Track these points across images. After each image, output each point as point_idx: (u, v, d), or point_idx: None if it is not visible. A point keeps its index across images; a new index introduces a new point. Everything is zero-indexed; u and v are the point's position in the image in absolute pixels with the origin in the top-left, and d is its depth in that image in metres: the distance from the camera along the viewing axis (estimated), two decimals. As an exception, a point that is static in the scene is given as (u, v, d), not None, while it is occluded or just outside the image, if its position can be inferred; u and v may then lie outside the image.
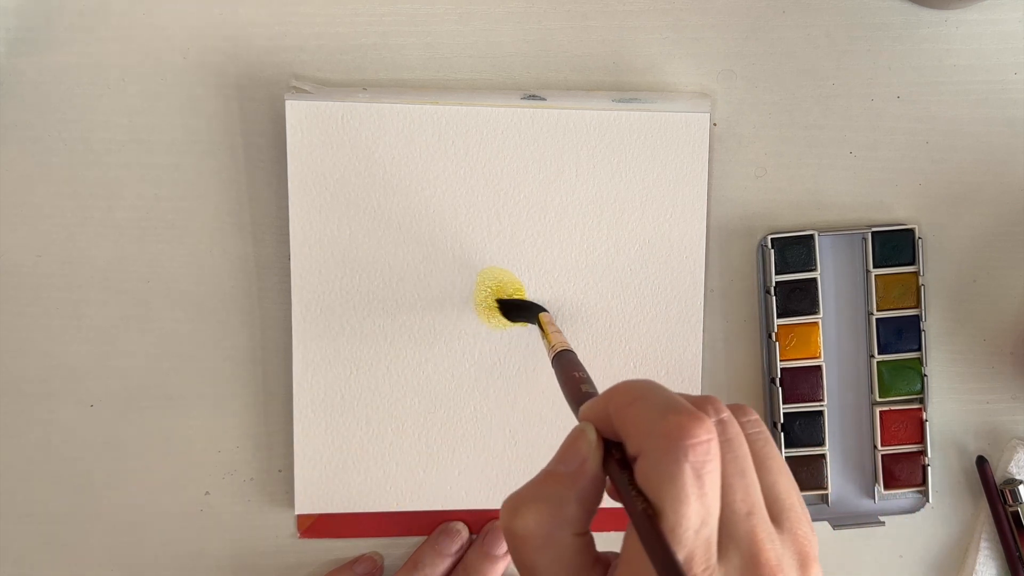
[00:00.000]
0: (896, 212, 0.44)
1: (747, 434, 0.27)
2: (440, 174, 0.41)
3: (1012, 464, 0.44)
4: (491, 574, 0.43)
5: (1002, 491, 0.44)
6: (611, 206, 0.42)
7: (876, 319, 0.43)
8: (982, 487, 0.45)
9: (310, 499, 0.42)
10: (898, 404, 0.44)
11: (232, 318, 0.42)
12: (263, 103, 0.41)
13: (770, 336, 0.43)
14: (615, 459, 0.26)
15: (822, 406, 0.43)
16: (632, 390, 0.26)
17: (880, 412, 0.44)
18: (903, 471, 0.44)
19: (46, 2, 0.40)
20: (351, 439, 0.42)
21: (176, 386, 0.43)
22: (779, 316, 0.43)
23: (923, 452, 0.44)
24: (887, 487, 0.44)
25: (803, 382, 0.43)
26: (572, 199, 0.42)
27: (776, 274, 0.43)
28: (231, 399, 0.43)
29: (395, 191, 0.41)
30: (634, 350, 0.43)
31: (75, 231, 0.42)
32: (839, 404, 0.44)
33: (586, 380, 0.32)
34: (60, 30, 0.41)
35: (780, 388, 0.43)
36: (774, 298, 0.43)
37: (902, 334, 0.43)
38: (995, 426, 0.45)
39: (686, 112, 0.41)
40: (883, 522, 0.44)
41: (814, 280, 0.43)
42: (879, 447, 0.44)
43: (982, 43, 0.43)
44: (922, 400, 0.44)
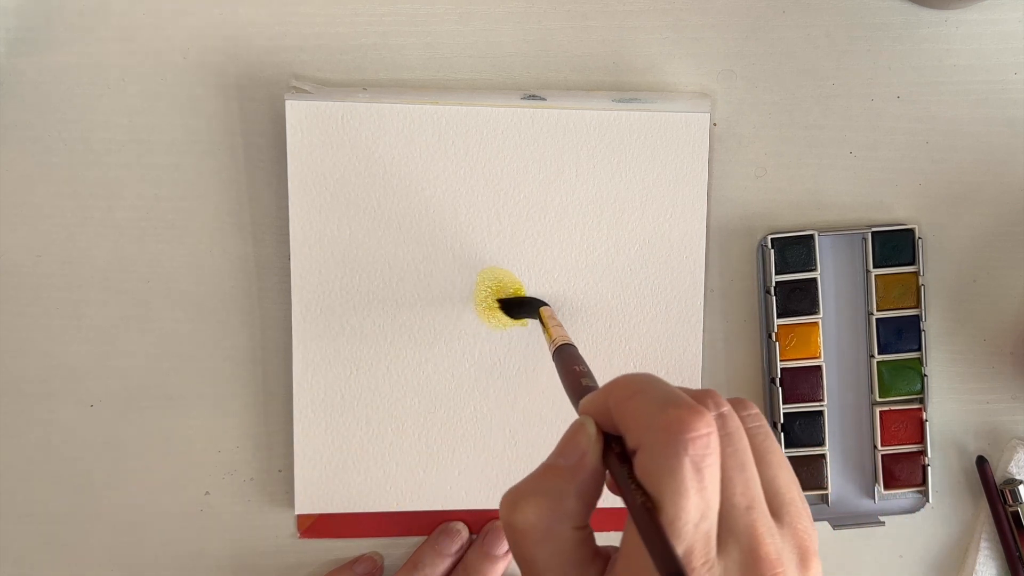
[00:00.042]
0: (896, 212, 0.44)
1: (747, 428, 0.27)
2: (440, 174, 0.41)
3: (1012, 464, 0.44)
4: (491, 574, 0.43)
5: (1002, 491, 0.44)
6: (611, 206, 0.42)
7: (876, 319, 0.43)
8: (982, 487, 0.45)
9: (310, 499, 0.42)
10: (898, 404, 0.44)
11: (232, 318, 0.42)
12: (263, 103, 0.41)
13: (770, 336, 0.43)
14: (615, 453, 0.26)
15: (822, 406, 0.43)
16: (632, 384, 0.26)
17: (880, 412, 0.44)
18: (903, 471, 0.44)
19: (46, 2, 0.40)
20: (351, 439, 0.42)
21: (176, 386, 0.43)
22: (779, 316, 0.43)
23: (923, 452, 0.44)
24: (887, 487, 0.44)
25: (803, 382, 0.43)
26: (572, 199, 0.42)
27: (776, 274, 0.43)
28: (231, 399, 0.43)
29: (395, 191, 0.41)
30: (634, 350, 0.43)
31: (75, 231, 0.42)
32: (839, 404, 0.44)
33: (586, 374, 0.32)
34: (60, 30, 0.41)
35: (780, 388, 0.43)
36: (774, 298, 0.43)
37: (902, 334, 0.43)
38: (995, 426, 0.45)
39: (686, 112, 0.41)
40: (883, 522, 0.44)
41: (814, 280, 0.43)
42: (879, 447, 0.44)
43: (982, 43, 0.43)
44: (922, 400, 0.44)
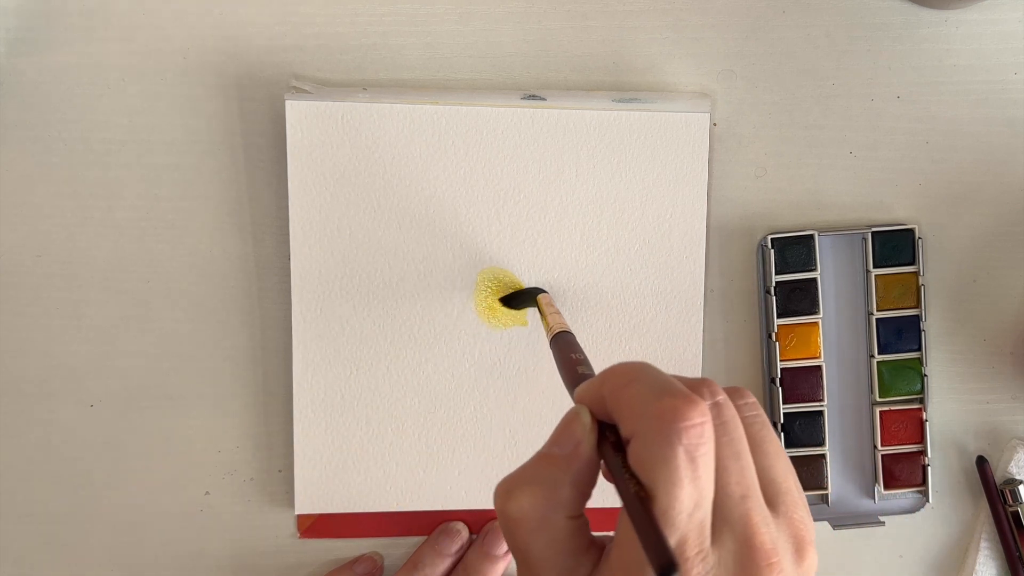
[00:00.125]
0: (896, 212, 0.44)
1: (743, 417, 0.27)
2: (440, 174, 0.41)
3: (1012, 464, 0.44)
4: (491, 574, 0.43)
5: (1002, 491, 0.44)
6: (611, 206, 0.42)
7: (876, 319, 0.43)
8: (982, 487, 0.45)
9: (310, 499, 0.42)
10: (898, 404, 0.44)
11: (232, 318, 0.42)
12: (263, 103, 0.41)
13: (770, 336, 0.43)
14: (609, 441, 0.26)
15: (822, 406, 0.43)
16: (627, 372, 0.26)
17: (880, 412, 0.44)
18: (903, 471, 0.44)
19: (46, 2, 0.40)
20: (351, 439, 0.42)
21: (176, 386, 0.43)
22: (779, 316, 0.43)
23: (923, 452, 0.44)
24: (887, 487, 0.44)
25: (803, 382, 0.43)
26: (572, 199, 0.42)
27: (776, 274, 0.43)
28: (231, 399, 0.43)
29: (395, 191, 0.41)
30: (634, 350, 0.43)
31: (75, 231, 0.42)
32: (839, 404, 0.44)
33: (583, 362, 0.32)
34: (60, 30, 0.41)
35: (780, 388, 0.43)
36: (774, 298, 0.43)
37: (902, 334, 0.43)
38: (995, 426, 0.45)
39: (686, 112, 0.41)
40: (883, 522, 0.44)
41: (814, 280, 0.43)
42: (879, 447, 0.44)
43: (982, 43, 0.43)
44: (922, 400, 0.44)
